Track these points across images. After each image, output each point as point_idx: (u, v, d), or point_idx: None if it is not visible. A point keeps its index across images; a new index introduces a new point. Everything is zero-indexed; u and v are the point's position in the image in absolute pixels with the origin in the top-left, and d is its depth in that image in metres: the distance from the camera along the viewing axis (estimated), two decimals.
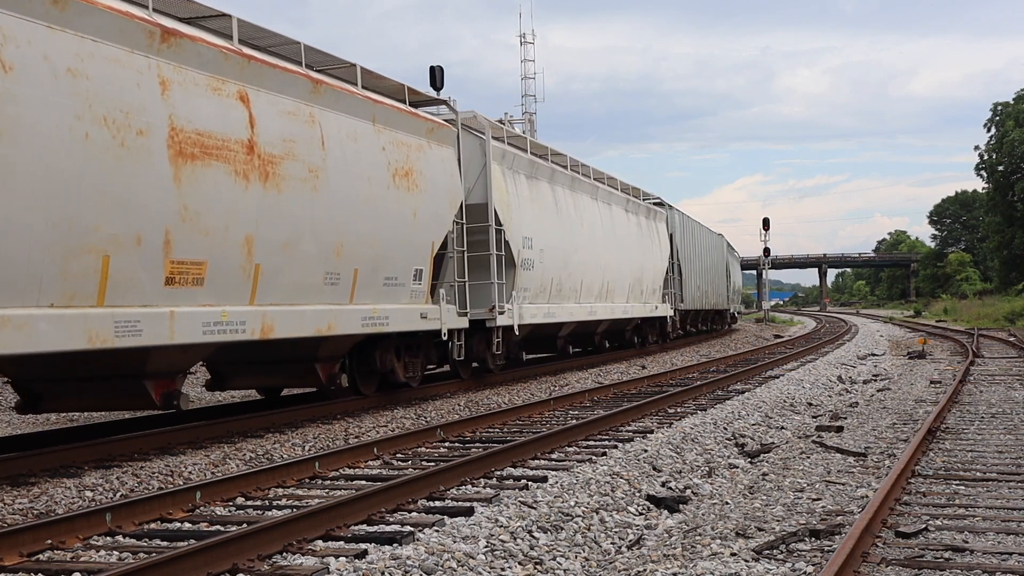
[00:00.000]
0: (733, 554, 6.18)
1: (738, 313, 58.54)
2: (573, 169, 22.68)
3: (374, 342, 14.19)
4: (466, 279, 16.10)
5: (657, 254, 29.19)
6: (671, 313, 30.73)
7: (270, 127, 11.03)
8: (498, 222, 17.11)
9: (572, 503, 7.51)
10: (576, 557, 6.39)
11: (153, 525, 7.24)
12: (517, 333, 17.89)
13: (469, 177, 16.72)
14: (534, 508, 7.30)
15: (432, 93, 16.59)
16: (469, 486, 8.40)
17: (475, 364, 18.04)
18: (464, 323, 15.98)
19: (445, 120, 15.86)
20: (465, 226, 16.31)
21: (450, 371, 18.23)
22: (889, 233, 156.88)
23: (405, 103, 14.59)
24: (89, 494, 8.40)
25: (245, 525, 6.83)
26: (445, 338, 15.27)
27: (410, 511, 7.46)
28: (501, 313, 17.08)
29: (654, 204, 30.91)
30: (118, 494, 8.45)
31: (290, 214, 11.34)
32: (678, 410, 13.92)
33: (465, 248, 16.16)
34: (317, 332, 12.08)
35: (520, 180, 18.73)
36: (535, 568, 6.08)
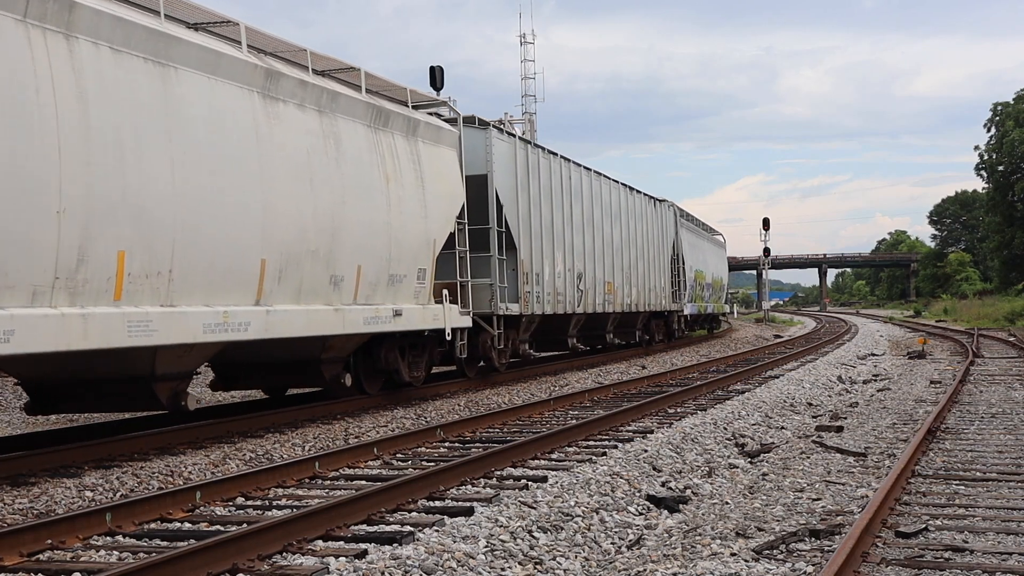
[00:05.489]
0: (733, 554, 6.18)
1: (724, 315, 47.31)
2: None
3: None
4: None
5: (414, 209, 14.77)
6: (466, 323, 16.38)
7: None
8: None
9: (572, 503, 7.50)
10: (576, 557, 6.39)
11: (153, 525, 7.24)
12: None
13: None
14: (534, 508, 7.30)
15: None
16: (469, 486, 8.41)
17: None
18: None
19: None
20: None
21: None
22: (889, 233, 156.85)
23: None
24: (89, 494, 8.40)
25: (245, 525, 6.83)
26: None
27: (410, 511, 7.47)
28: None
29: (419, 112, 15.51)
30: (118, 494, 8.45)
31: None
32: (678, 410, 13.91)
33: None
34: None
35: None
36: (535, 568, 6.08)
